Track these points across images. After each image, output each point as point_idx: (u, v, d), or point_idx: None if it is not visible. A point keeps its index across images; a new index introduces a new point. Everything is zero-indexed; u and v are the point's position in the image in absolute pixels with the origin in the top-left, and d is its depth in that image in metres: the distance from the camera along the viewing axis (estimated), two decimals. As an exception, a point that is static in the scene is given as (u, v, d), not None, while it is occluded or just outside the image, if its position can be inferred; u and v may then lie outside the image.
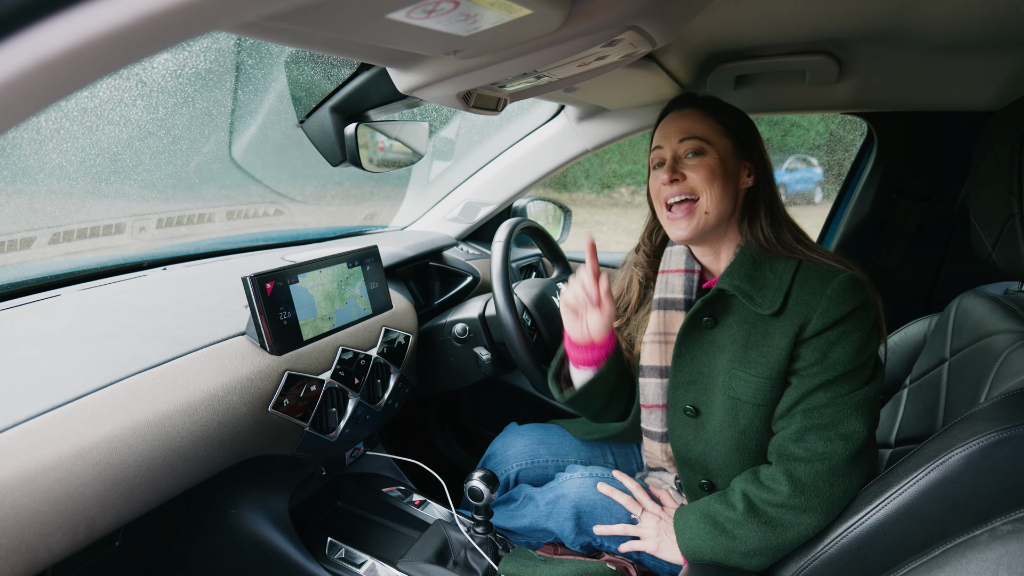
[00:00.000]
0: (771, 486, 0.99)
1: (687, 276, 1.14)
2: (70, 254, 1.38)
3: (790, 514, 0.97)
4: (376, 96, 1.06)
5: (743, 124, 1.09)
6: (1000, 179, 1.03)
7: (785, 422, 1.01)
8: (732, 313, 1.06)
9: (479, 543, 1.21)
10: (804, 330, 0.98)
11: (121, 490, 0.80)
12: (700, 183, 1.03)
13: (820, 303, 0.97)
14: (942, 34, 1.22)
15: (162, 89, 1.38)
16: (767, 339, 1.01)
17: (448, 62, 0.87)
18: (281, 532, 1.21)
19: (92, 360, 0.91)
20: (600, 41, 0.82)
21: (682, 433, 1.12)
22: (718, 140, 1.05)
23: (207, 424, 0.93)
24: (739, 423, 1.05)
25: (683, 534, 1.07)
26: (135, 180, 1.54)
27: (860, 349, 0.97)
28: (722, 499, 1.05)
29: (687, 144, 1.05)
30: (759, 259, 1.04)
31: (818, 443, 0.96)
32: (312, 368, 1.15)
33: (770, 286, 1.01)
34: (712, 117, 1.07)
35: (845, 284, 0.97)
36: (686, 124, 1.06)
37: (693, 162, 1.05)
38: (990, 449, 0.82)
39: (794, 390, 1.00)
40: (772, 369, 1.00)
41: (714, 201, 1.03)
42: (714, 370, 1.07)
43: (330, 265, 1.23)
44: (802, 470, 0.97)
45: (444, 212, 2.11)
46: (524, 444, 1.42)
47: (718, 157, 1.04)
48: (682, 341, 1.09)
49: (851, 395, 0.97)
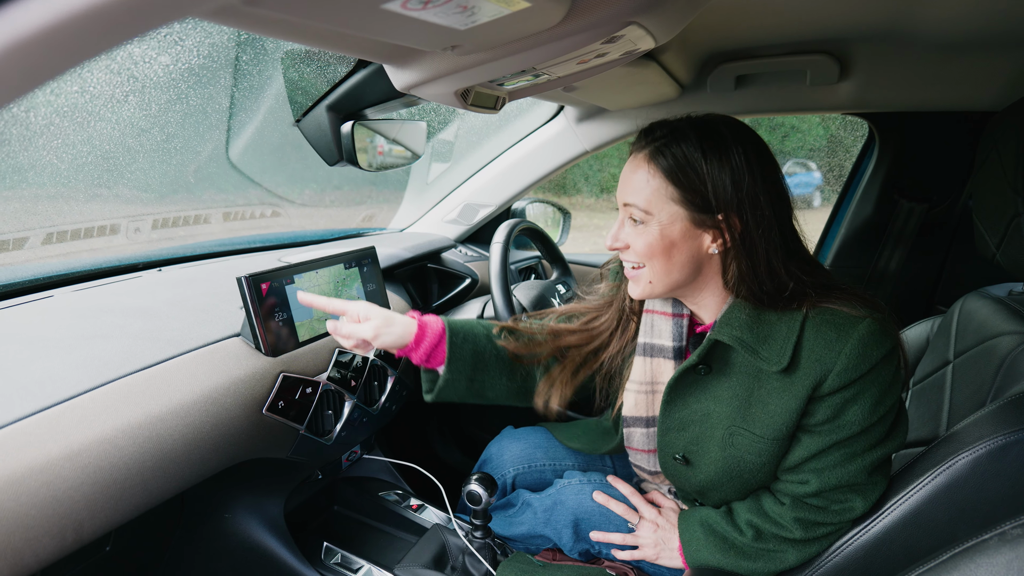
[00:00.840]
0: (781, 523, 0.96)
1: (675, 321, 1.03)
2: (64, 255, 1.36)
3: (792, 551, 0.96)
4: (373, 94, 1.04)
5: (715, 180, 0.87)
6: (1004, 178, 1.02)
7: (794, 475, 0.94)
8: (732, 365, 0.94)
9: (477, 548, 1.19)
10: (819, 388, 0.87)
11: (111, 493, 0.78)
12: (640, 256, 0.92)
13: (839, 361, 0.85)
14: (944, 33, 1.22)
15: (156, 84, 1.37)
16: (775, 396, 0.90)
17: (446, 58, 0.86)
18: (276, 537, 1.19)
19: (83, 361, 0.89)
20: (600, 37, 0.81)
21: (675, 474, 1.07)
22: (663, 209, 0.89)
23: (200, 427, 0.91)
24: (743, 476, 0.97)
25: (689, 545, 1.04)
26: (130, 182, 1.53)
27: (878, 403, 0.86)
28: (727, 519, 1.02)
29: (629, 210, 0.92)
30: (757, 310, 0.91)
31: (835, 500, 0.92)
32: (308, 370, 1.13)
33: (776, 337, 0.88)
34: (664, 175, 0.88)
35: (867, 338, 0.84)
36: (631, 184, 0.92)
37: (633, 230, 0.93)
38: (998, 453, 0.81)
39: (803, 448, 0.92)
40: (779, 430, 0.91)
41: (657, 273, 0.93)
42: (709, 420, 0.97)
43: (327, 266, 1.21)
44: (816, 517, 0.94)
45: (443, 214, 2.10)
46: (521, 448, 1.40)
47: (659, 230, 0.89)
48: (672, 389, 0.99)
49: (865, 455, 0.88)
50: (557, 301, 1.61)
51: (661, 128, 0.92)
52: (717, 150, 0.87)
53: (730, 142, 0.88)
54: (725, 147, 0.87)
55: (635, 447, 1.11)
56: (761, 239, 0.88)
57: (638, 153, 0.93)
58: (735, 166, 0.87)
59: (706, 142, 0.88)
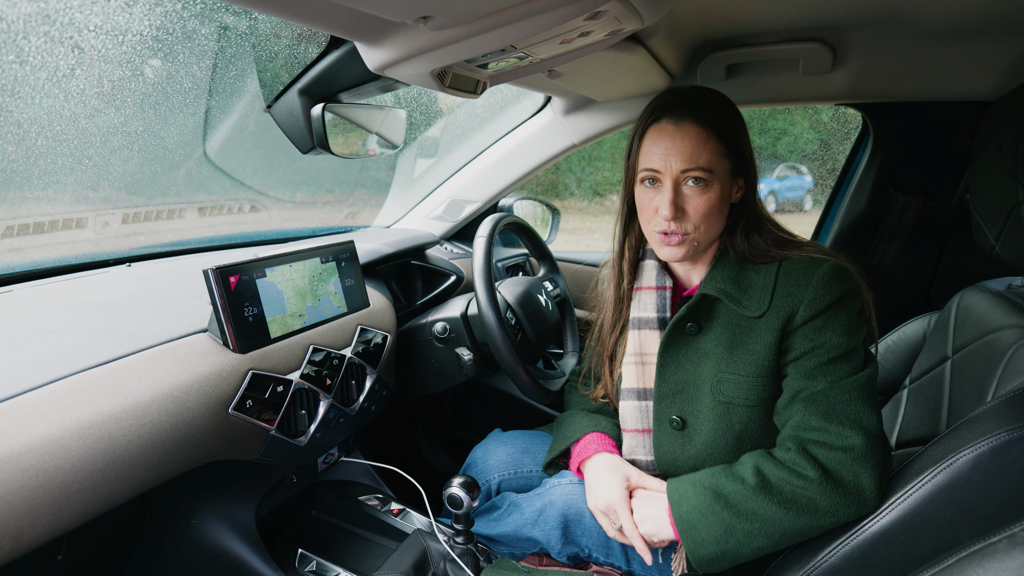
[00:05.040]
0: (794, 468, 0.92)
1: (659, 294, 1.11)
2: (20, 249, 1.29)
3: (816, 499, 0.89)
4: (347, 77, 1.00)
5: (742, 134, 1.01)
6: (1004, 167, 0.98)
7: (789, 413, 0.96)
8: (717, 318, 1.03)
9: (459, 554, 1.14)
10: (791, 321, 0.96)
11: (54, 498, 0.72)
12: (699, 219, 0.98)
13: (806, 293, 0.95)
14: (940, 20, 1.18)
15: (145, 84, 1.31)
16: (753, 336, 0.98)
17: (420, 34, 0.81)
18: (246, 544, 1.13)
19: (32, 357, 0.84)
20: (582, 12, 0.77)
21: (669, 449, 1.07)
22: (720, 166, 0.98)
23: (158, 426, 0.85)
24: (734, 428, 1.00)
25: (679, 505, 0.97)
26: (109, 182, 1.47)
27: (850, 331, 0.94)
28: (727, 472, 0.97)
29: (691, 174, 0.96)
30: (740, 262, 1.02)
31: (831, 428, 0.90)
32: (279, 368, 1.08)
33: (755, 287, 0.99)
34: (716, 137, 0.97)
35: (830, 272, 0.95)
36: (689, 148, 0.96)
37: (694, 193, 0.97)
38: (1000, 450, 0.78)
39: (792, 380, 0.97)
40: (761, 366, 0.98)
41: (705, 233, 1.00)
42: (700, 378, 1.04)
43: (301, 260, 1.16)
44: (823, 455, 0.90)
45: (428, 210, 2.05)
46: (507, 452, 1.35)
47: (719, 187, 0.98)
48: (665, 350, 1.06)
49: (851, 379, 0.93)
50: (544, 298, 1.56)
51: (683, 93, 1.00)
52: (735, 109, 1.02)
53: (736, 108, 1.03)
54: (736, 111, 1.02)
55: (630, 428, 1.12)
56: (753, 195, 1.04)
57: (681, 119, 0.97)
58: (747, 139, 1.02)
59: (728, 104, 1.01)
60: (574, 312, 1.71)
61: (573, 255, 2.28)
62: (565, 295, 1.72)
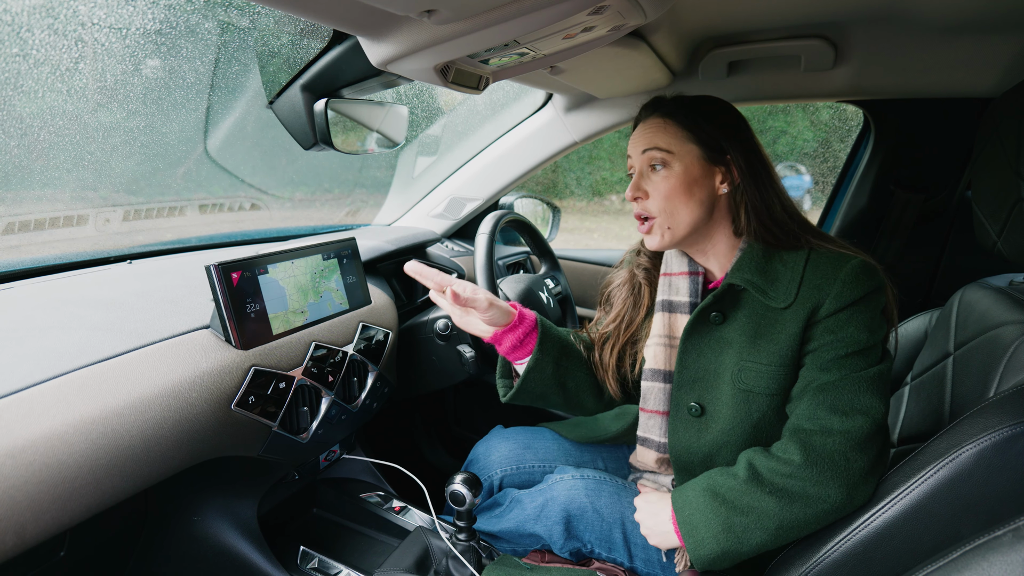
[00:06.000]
0: (781, 456, 0.93)
1: (692, 279, 1.11)
2: (19, 247, 1.29)
3: (805, 485, 0.90)
4: (350, 72, 0.99)
5: (718, 124, 1.03)
6: (1007, 164, 0.98)
7: (798, 403, 0.97)
8: (742, 308, 1.03)
9: (461, 551, 1.14)
10: (816, 313, 0.96)
11: (58, 493, 0.72)
12: (659, 201, 1.02)
13: (833, 287, 0.95)
14: (942, 16, 1.18)
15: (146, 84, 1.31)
16: (778, 327, 0.99)
17: (423, 28, 0.81)
18: (249, 541, 1.13)
19: (35, 353, 0.83)
20: (586, 7, 0.77)
21: (685, 436, 1.07)
22: (682, 148, 1.02)
23: (161, 422, 0.85)
24: (752, 416, 1.00)
25: (682, 511, 0.99)
26: (110, 179, 1.46)
27: (872, 328, 0.94)
28: (722, 470, 0.99)
29: (649, 155, 1.03)
30: (767, 253, 1.01)
31: (833, 418, 0.91)
32: (281, 364, 1.08)
33: (782, 279, 0.99)
34: (676, 123, 1.02)
35: (859, 268, 0.95)
36: (648, 133, 1.04)
37: (656, 176, 1.03)
38: (1003, 445, 0.77)
39: (807, 370, 0.97)
40: (784, 356, 0.98)
41: (674, 217, 1.02)
42: (721, 367, 1.04)
43: (303, 256, 1.16)
44: (816, 441, 0.91)
45: (429, 208, 2.05)
46: (509, 448, 1.35)
47: (683, 168, 1.01)
48: (688, 337, 1.06)
49: (864, 371, 0.93)
50: (545, 296, 1.56)
51: (662, 98, 1.07)
52: (716, 103, 1.05)
53: (724, 103, 1.06)
54: (721, 104, 1.05)
55: (650, 408, 1.14)
56: (763, 181, 1.02)
57: (647, 116, 1.06)
58: (733, 117, 1.04)
59: (704, 99, 1.05)
60: (575, 309, 1.71)
61: (574, 253, 2.27)
62: (566, 292, 1.72)
